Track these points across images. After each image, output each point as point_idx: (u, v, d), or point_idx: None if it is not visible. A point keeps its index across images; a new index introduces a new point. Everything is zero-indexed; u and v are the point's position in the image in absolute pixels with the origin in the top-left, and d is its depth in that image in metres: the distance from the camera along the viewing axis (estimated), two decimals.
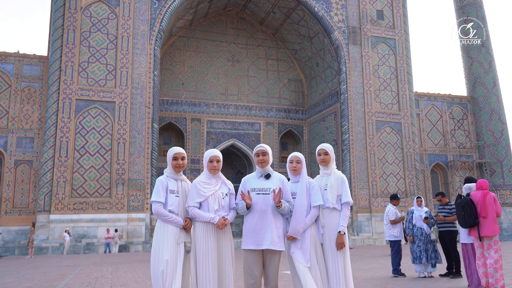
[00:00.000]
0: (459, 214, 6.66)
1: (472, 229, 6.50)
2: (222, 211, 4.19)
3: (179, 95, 29.79)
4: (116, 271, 11.09)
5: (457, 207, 6.75)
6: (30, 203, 22.83)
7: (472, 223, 6.42)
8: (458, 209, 6.69)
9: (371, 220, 25.69)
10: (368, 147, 26.50)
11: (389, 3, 29.18)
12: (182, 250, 4.08)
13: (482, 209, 6.39)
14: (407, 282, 8.19)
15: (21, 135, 23.33)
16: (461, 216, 6.58)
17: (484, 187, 6.64)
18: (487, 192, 6.57)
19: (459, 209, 6.63)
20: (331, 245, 4.26)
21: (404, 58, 28.58)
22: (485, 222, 6.34)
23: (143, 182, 22.50)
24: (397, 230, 9.72)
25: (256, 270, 4.09)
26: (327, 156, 4.50)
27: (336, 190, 4.34)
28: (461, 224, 6.68)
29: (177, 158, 4.25)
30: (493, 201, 6.44)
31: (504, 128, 31.64)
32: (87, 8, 23.26)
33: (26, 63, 24.06)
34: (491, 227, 6.30)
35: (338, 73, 27.88)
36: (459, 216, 6.67)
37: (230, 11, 31.71)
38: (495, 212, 6.37)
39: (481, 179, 6.89)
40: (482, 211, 6.39)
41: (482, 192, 6.58)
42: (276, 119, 31.44)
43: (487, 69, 32.27)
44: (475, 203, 6.48)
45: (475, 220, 6.41)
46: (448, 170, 31.25)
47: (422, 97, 31.94)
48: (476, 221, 6.41)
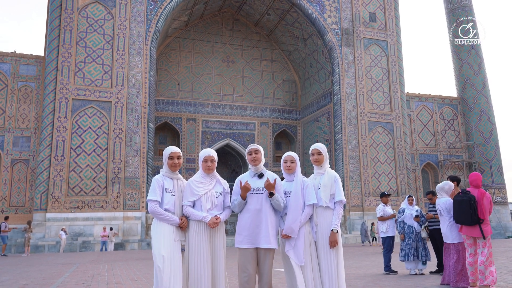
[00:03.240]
0: (464, 211, 6.30)
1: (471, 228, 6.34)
2: (215, 210, 4.22)
3: (175, 95, 30.06)
4: (112, 269, 11.08)
5: (461, 204, 6.40)
6: (26, 201, 22.99)
7: (477, 221, 6.22)
8: (463, 206, 6.34)
9: (364, 219, 26.16)
10: (361, 146, 26.96)
11: (381, 6, 29.67)
12: (178, 248, 4.11)
13: (481, 211, 6.26)
14: (398, 279, 8.21)
15: (17, 134, 23.49)
16: (468, 213, 6.25)
17: (479, 184, 6.46)
18: (484, 191, 6.42)
19: (465, 206, 6.30)
20: (324, 243, 4.27)
21: (396, 60, 29.07)
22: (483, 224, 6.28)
23: (139, 181, 22.73)
24: (385, 227, 9.77)
25: (250, 268, 4.12)
26: (320, 155, 4.51)
27: (329, 189, 4.36)
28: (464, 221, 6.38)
29: (173, 158, 4.26)
30: (489, 202, 6.36)
31: (493, 129, 32.31)
32: (84, 9, 23.42)
33: (23, 63, 24.22)
34: (485, 229, 6.26)
35: (331, 74, 28.32)
36: (464, 214, 6.31)
37: (225, 13, 32.01)
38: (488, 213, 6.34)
39: (473, 173, 6.66)
40: (481, 212, 6.26)
41: (479, 191, 6.41)
42: (270, 119, 31.82)
43: (477, 71, 32.91)
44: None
45: (479, 219, 6.22)
46: (438, 170, 31.83)
47: (414, 98, 32.51)
48: (480, 219, 6.21)
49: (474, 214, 6.23)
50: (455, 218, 6.61)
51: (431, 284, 7.42)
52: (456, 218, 6.58)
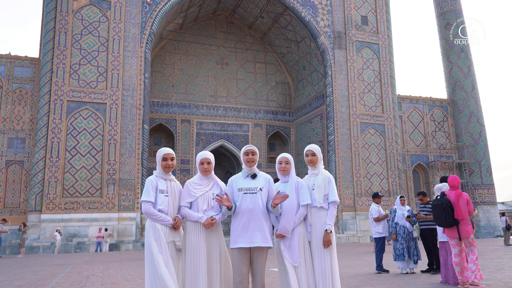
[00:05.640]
0: (439, 215, 6.58)
1: (451, 229, 6.54)
2: (212, 211, 4.28)
3: (169, 97, 30.23)
4: (107, 269, 11.09)
5: (435, 208, 6.65)
6: (21, 203, 23.00)
7: (452, 223, 6.46)
8: (437, 209, 6.61)
9: (356, 219, 26.52)
10: (353, 148, 27.34)
11: (373, 9, 30.12)
12: (172, 249, 4.15)
13: (457, 212, 6.46)
14: (390, 278, 8.31)
15: (12, 136, 23.49)
16: (442, 217, 6.52)
17: (456, 185, 6.69)
18: (460, 192, 6.60)
19: (439, 210, 6.56)
20: (318, 243, 4.32)
21: (387, 62, 29.53)
22: (460, 224, 6.48)
23: (134, 182, 22.84)
24: (381, 227, 9.93)
25: (243, 268, 4.16)
26: (315, 156, 4.57)
27: (323, 190, 4.43)
28: (441, 224, 6.65)
29: (167, 159, 4.32)
30: (465, 202, 6.53)
31: (482, 130, 32.90)
32: (79, 11, 23.50)
33: (17, 65, 24.21)
34: (465, 229, 6.45)
35: (324, 76, 28.69)
36: (439, 217, 6.58)
37: (220, 15, 32.25)
38: (468, 213, 6.52)
39: (452, 176, 6.89)
40: (457, 214, 6.46)
41: (456, 193, 6.59)
42: (264, 120, 32.12)
43: (466, 73, 33.50)
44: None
45: (455, 220, 6.43)
46: (429, 170, 32.35)
47: (405, 100, 33.01)
48: (456, 221, 6.44)
49: (449, 217, 6.46)
50: (435, 222, 6.86)
51: (422, 282, 7.57)
52: (435, 221, 6.82)
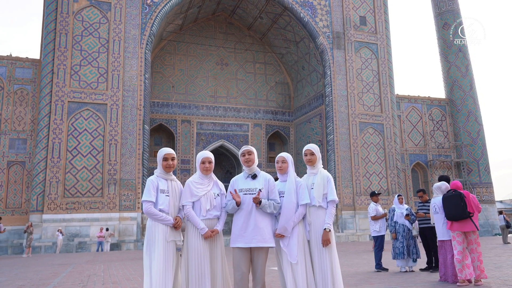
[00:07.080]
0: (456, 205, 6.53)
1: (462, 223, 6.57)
2: (214, 211, 4.31)
3: (170, 98, 30.40)
4: (108, 269, 11.10)
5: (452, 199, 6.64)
6: (23, 203, 23.15)
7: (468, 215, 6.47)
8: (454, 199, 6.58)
9: (355, 217, 26.69)
10: (352, 147, 27.52)
11: (371, 10, 30.30)
12: (172, 248, 4.15)
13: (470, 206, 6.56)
14: (389, 276, 8.31)
15: (14, 137, 23.65)
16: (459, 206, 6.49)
17: (460, 187, 6.80)
18: (468, 192, 6.71)
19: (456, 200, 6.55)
20: (317, 242, 4.31)
21: (386, 62, 29.71)
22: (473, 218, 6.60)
23: (135, 182, 23.00)
24: (378, 226, 9.96)
25: (244, 267, 4.19)
26: (313, 156, 4.57)
27: (322, 189, 4.43)
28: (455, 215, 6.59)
29: (167, 159, 4.32)
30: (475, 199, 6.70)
31: (480, 129, 33.11)
32: (79, 13, 23.66)
33: (18, 66, 24.37)
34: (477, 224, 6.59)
35: (323, 76, 28.87)
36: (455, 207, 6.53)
37: (219, 16, 32.42)
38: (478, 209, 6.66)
39: (454, 181, 7.02)
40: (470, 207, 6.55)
41: (464, 191, 6.72)
42: (263, 120, 32.29)
43: (464, 73, 33.71)
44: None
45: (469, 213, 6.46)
46: (427, 169, 32.55)
47: (403, 100, 33.20)
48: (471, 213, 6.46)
49: (466, 208, 6.51)
50: (447, 214, 6.76)
51: (421, 280, 7.61)
52: (447, 213, 6.74)
